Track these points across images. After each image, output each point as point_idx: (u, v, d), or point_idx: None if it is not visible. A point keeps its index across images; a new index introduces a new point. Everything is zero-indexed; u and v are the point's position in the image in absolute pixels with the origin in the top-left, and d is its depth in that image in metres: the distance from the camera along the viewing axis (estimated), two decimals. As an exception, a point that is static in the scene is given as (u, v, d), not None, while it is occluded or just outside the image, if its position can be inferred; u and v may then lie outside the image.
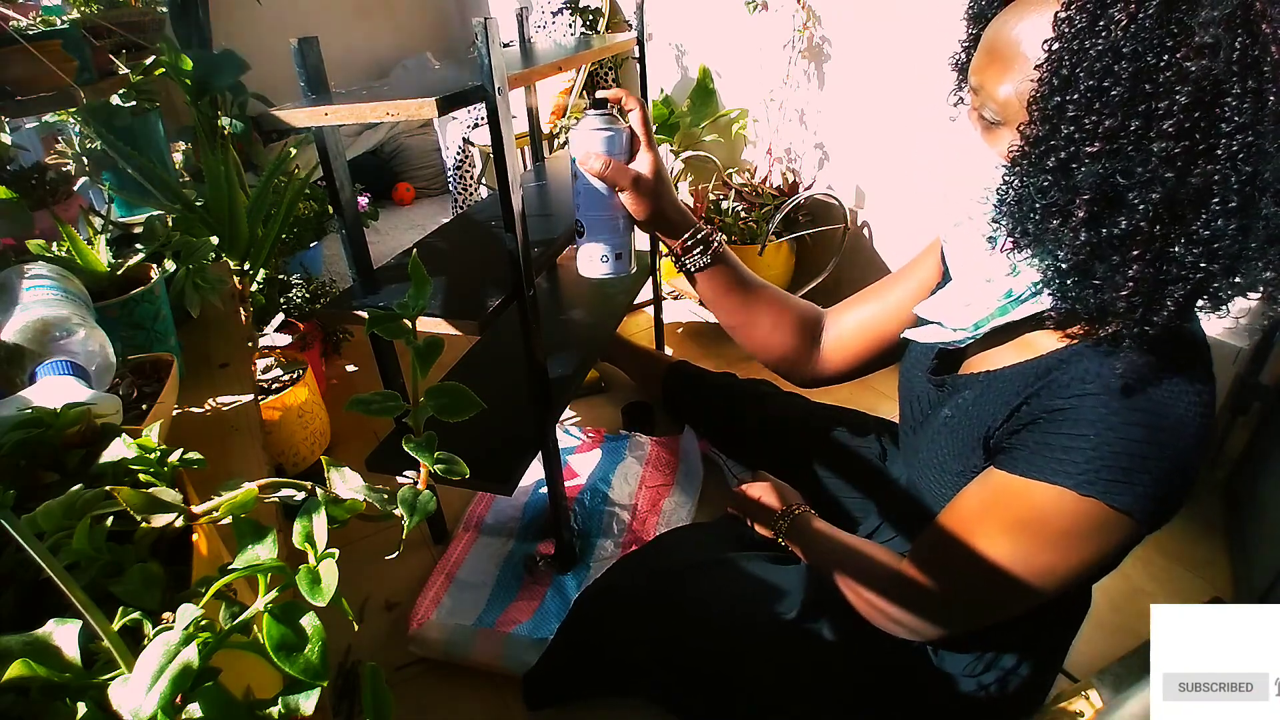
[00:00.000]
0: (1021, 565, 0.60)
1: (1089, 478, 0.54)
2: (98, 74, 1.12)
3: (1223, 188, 0.44)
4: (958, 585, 0.67)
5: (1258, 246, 0.45)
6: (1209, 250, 0.46)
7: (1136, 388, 0.53)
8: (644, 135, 0.75)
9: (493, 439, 1.07)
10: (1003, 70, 0.52)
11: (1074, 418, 0.55)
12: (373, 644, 1.10)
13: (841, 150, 1.80)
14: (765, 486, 1.00)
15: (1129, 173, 0.46)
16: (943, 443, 0.70)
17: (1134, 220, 0.47)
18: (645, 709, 0.96)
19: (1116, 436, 0.53)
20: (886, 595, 0.72)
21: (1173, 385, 0.53)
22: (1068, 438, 0.55)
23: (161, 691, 0.27)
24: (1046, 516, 0.57)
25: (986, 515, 0.62)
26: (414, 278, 0.45)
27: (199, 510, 0.37)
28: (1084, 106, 0.46)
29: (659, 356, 1.64)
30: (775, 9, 1.78)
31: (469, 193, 2.69)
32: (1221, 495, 1.26)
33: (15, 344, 0.61)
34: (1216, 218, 0.45)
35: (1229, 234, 0.45)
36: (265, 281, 1.48)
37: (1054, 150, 0.48)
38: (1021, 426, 0.59)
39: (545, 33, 2.51)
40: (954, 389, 0.70)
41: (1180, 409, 0.53)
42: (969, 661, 0.76)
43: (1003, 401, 0.62)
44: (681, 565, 0.89)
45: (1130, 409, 0.53)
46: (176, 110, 2.65)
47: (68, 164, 1.34)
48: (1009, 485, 0.59)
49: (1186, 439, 0.53)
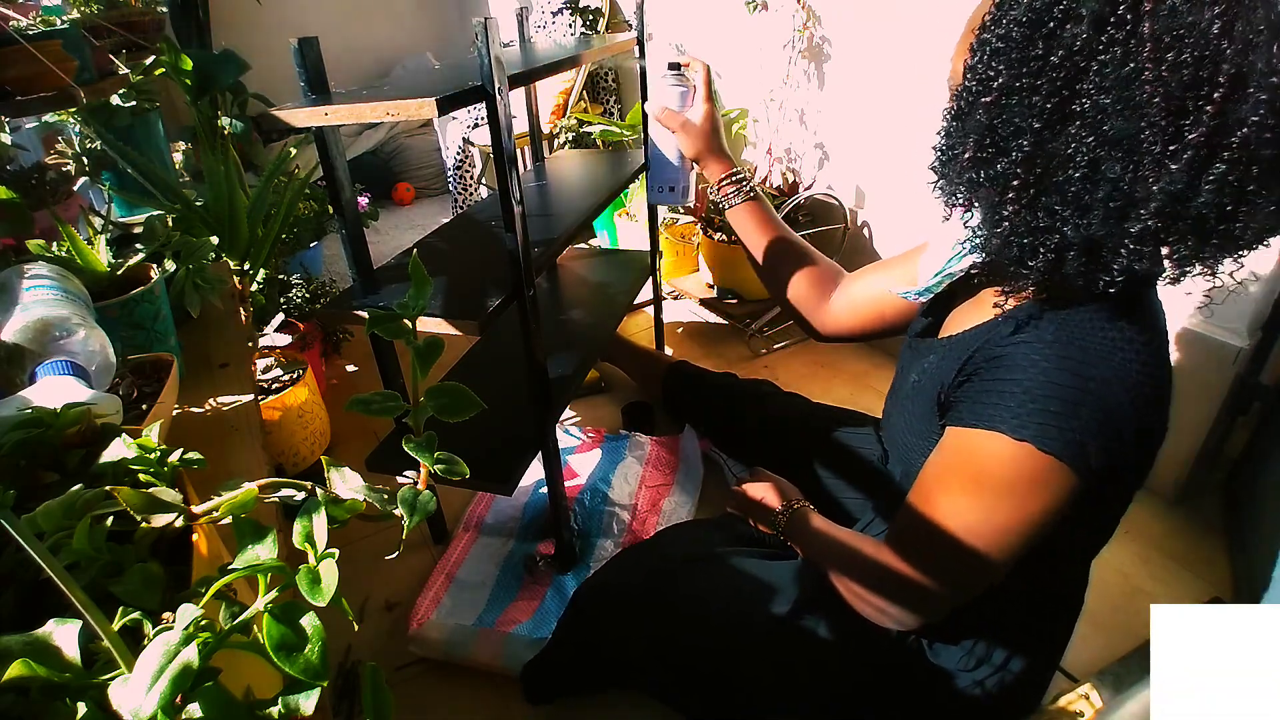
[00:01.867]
0: (978, 522, 0.61)
1: (1021, 421, 0.56)
2: (98, 74, 1.12)
3: (1077, 145, 0.49)
4: (926, 557, 0.66)
5: (1116, 209, 0.50)
6: (1078, 205, 0.51)
7: (1070, 338, 0.56)
8: (704, 91, 0.93)
9: (493, 439, 1.07)
10: (961, 46, 0.59)
11: (1008, 363, 0.58)
12: (373, 644, 1.10)
13: (841, 150, 1.80)
14: (766, 486, 1.00)
15: (1008, 123, 0.52)
16: (910, 407, 0.72)
17: (1009, 164, 0.53)
18: (644, 705, 0.96)
19: (1047, 380, 0.55)
20: (869, 582, 0.72)
21: (1109, 338, 0.55)
22: (1002, 383, 0.58)
23: (161, 691, 0.27)
24: (990, 466, 0.59)
25: (941, 477, 0.64)
26: (414, 278, 0.45)
27: (199, 510, 0.37)
28: (987, 63, 0.53)
29: (659, 356, 1.64)
30: (775, 9, 1.78)
31: (469, 193, 2.69)
32: (1221, 495, 1.26)
33: (15, 344, 0.61)
34: (1074, 172, 0.50)
35: (1084, 189, 0.50)
36: (265, 281, 1.48)
37: (960, 102, 0.56)
38: (966, 379, 0.62)
39: (545, 33, 2.51)
40: (922, 353, 0.73)
41: (1116, 361, 0.54)
42: (962, 655, 0.75)
43: (955, 360, 0.65)
44: (677, 561, 0.89)
45: (1062, 356, 0.55)
46: (176, 110, 2.65)
47: (68, 164, 1.34)
48: (956, 441, 0.62)
49: (1120, 391, 0.54)
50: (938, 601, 0.68)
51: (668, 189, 0.99)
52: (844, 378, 1.72)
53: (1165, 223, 0.49)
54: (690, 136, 0.94)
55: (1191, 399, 1.19)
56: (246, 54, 1.44)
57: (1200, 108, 0.46)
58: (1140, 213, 0.49)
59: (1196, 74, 0.46)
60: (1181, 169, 0.47)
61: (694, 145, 0.95)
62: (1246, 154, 0.46)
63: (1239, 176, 0.47)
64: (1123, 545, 1.19)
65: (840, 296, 0.93)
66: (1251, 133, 0.45)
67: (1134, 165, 0.48)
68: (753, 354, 1.85)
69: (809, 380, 1.72)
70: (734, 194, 0.94)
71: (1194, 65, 0.45)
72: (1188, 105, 0.46)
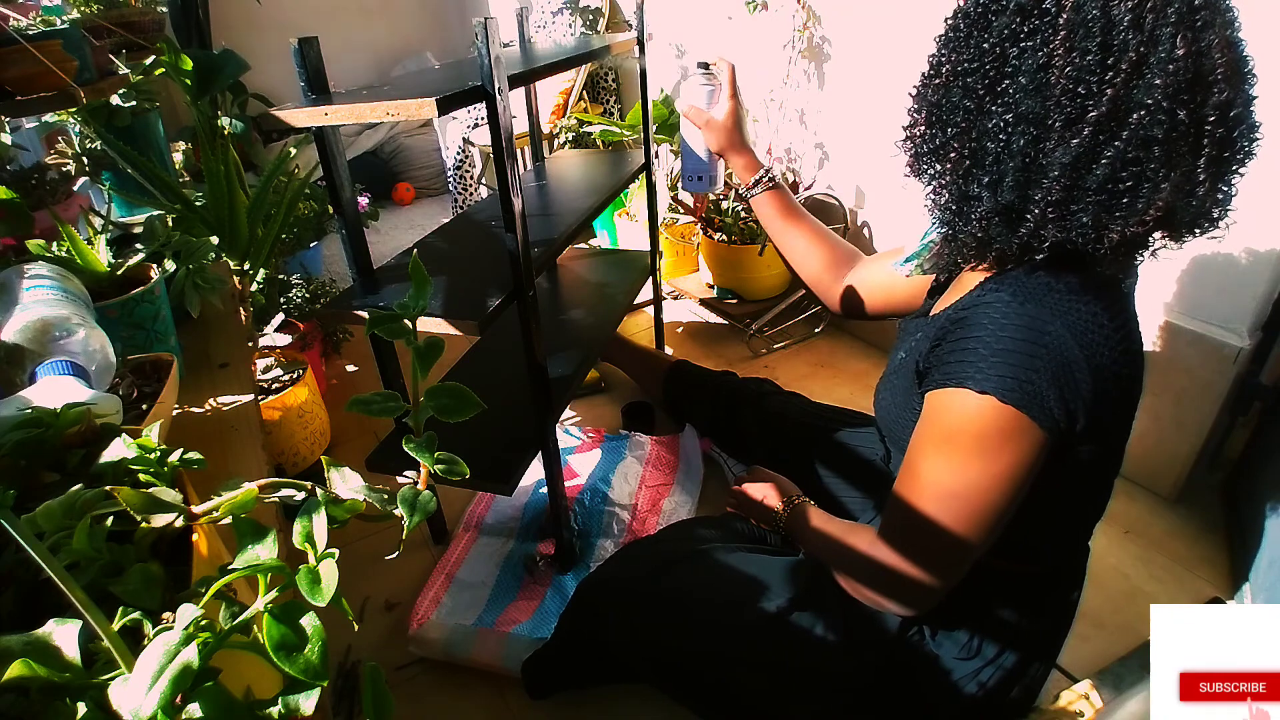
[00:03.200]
0: (954, 482, 0.63)
1: (984, 374, 0.59)
2: (98, 74, 1.12)
3: (998, 122, 0.55)
4: (913, 533, 0.67)
5: (1024, 178, 0.55)
6: (996, 175, 0.57)
7: (1027, 297, 0.60)
8: (728, 90, 0.99)
9: (493, 439, 1.07)
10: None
11: (970, 323, 0.62)
12: (373, 644, 1.10)
13: (841, 150, 1.80)
14: (767, 486, 1.01)
15: (950, 102, 0.59)
16: (894, 382, 0.76)
17: (946, 139, 0.59)
18: (644, 701, 0.96)
19: (1004, 335, 0.59)
20: (864, 576, 0.73)
21: (1065, 299, 0.59)
22: (966, 341, 0.62)
23: (161, 691, 0.27)
24: (958, 423, 0.62)
25: (919, 444, 0.66)
26: (414, 278, 0.45)
27: (199, 510, 0.37)
28: (940, 50, 0.60)
29: (659, 356, 1.64)
30: (775, 9, 1.78)
31: (469, 193, 2.69)
32: (1221, 495, 1.26)
33: (15, 344, 0.61)
34: (994, 145, 0.56)
35: (1001, 161, 0.56)
36: (265, 281, 1.48)
37: (920, 84, 0.63)
38: (937, 345, 0.66)
39: (545, 33, 2.51)
40: (911, 332, 0.76)
41: (1071, 319, 0.58)
42: (961, 644, 0.76)
43: (933, 333, 0.68)
44: (679, 555, 0.90)
45: (1018, 314, 0.59)
46: (176, 110, 2.65)
47: (68, 164, 1.34)
48: (930, 405, 0.65)
49: (1073, 347, 0.58)
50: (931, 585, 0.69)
51: (696, 178, 1.07)
52: (844, 378, 1.73)
53: (1066, 192, 0.54)
54: (714, 132, 1.01)
55: (1191, 399, 1.19)
56: (246, 54, 1.44)
57: (1101, 90, 0.51)
58: (1044, 181, 0.55)
59: (1102, 60, 0.51)
60: (1081, 143, 0.52)
61: (718, 140, 1.01)
62: (1141, 133, 0.51)
63: (1134, 152, 0.52)
64: (1123, 545, 1.19)
65: (854, 277, 0.99)
66: (1146, 114, 0.51)
67: (1040, 139, 0.54)
68: (753, 354, 1.85)
69: (809, 380, 1.72)
70: (754, 185, 1.02)
71: (1099, 52, 0.51)
72: (1091, 87, 0.52)
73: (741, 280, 1.87)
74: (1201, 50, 0.50)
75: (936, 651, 0.77)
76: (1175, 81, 0.50)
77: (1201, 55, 0.50)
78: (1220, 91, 0.51)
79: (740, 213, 1.85)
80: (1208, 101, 0.51)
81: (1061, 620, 0.79)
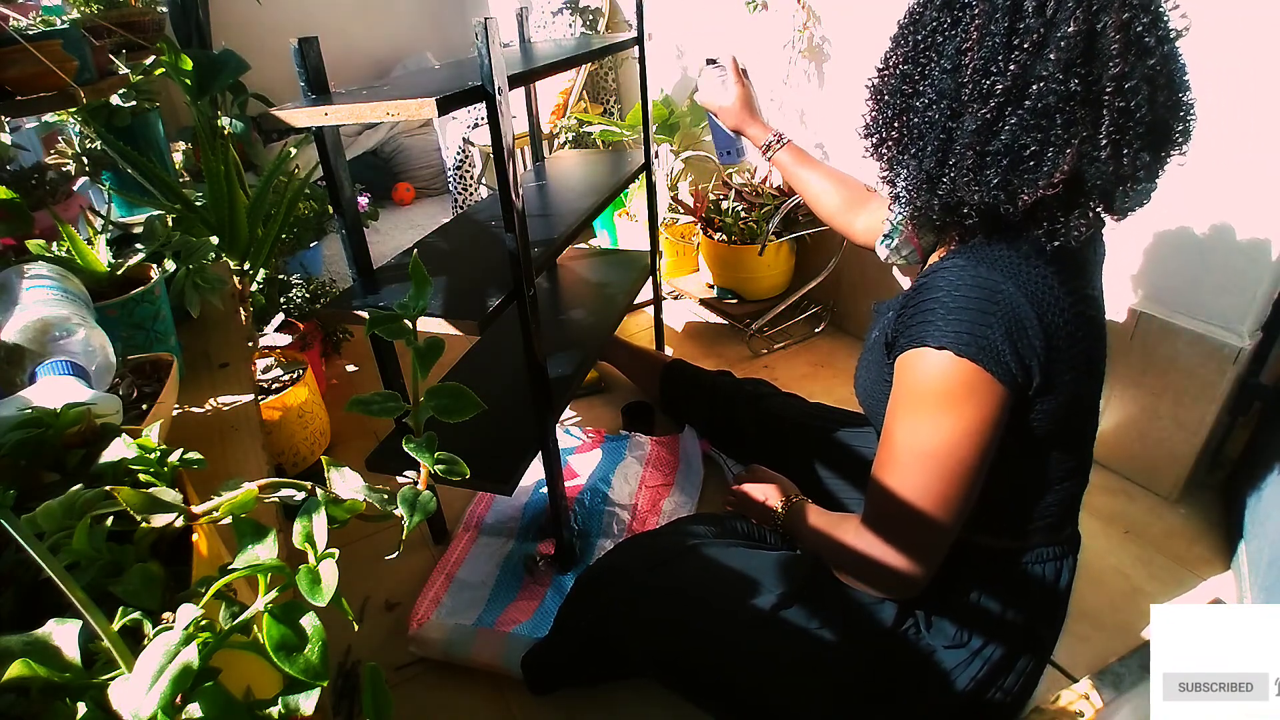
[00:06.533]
0: (926, 442, 0.66)
1: (941, 331, 0.64)
2: (98, 74, 1.12)
3: (923, 101, 0.63)
4: (892, 504, 0.69)
5: (940, 146, 0.62)
6: (919, 147, 0.64)
7: (980, 259, 0.65)
8: (733, 76, 1.15)
9: (493, 439, 1.07)
10: None
11: (928, 286, 0.67)
12: (373, 644, 1.10)
13: (841, 150, 1.80)
14: (767, 487, 1.01)
15: (891, 88, 0.67)
16: (869, 358, 0.80)
17: (887, 120, 0.68)
18: (645, 699, 0.96)
19: (959, 294, 0.64)
20: (854, 554, 0.75)
21: (1016, 263, 0.64)
22: (925, 303, 0.66)
23: (161, 691, 0.27)
24: (923, 382, 0.66)
25: (892, 410, 0.70)
26: (414, 278, 0.45)
27: (199, 510, 0.37)
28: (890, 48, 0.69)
29: (657, 356, 1.64)
30: (775, 9, 1.78)
31: (469, 193, 2.69)
32: (1221, 495, 1.26)
33: (15, 344, 0.61)
34: (919, 120, 0.64)
35: (923, 134, 0.64)
36: (265, 281, 1.48)
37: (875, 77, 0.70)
38: (901, 313, 0.70)
39: (545, 33, 2.51)
40: (883, 312, 0.80)
41: (1022, 278, 0.63)
42: (951, 634, 0.77)
43: (899, 305, 0.72)
44: (678, 548, 0.90)
45: (972, 275, 0.64)
46: (176, 110, 2.65)
47: (68, 164, 1.34)
48: (897, 370, 0.69)
49: (1024, 303, 0.63)
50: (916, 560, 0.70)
51: (726, 153, 1.25)
52: (844, 378, 1.72)
53: (978, 158, 0.60)
54: (728, 115, 1.17)
55: (1191, 399, 1.19)
56: (246, 54, 1.44)
57: (1006, 66, 0.58)
58: (956, 148, 0.61)
59: (1009, 41, 0.58)
60: (988, 111, 0.59)
61: (732, 120, 1.17)
62: (1040, 103, 0.57)
63: (1036, 120, 0.58)
64: (1123, 545, 1.19)
65: (869, 213, 1.07)
66: (1043, 84, 0.57)
67: (958, 113, 0.61)
68: (753, 354, 1.85)
69: (809, 380, 1.72)
70: (767, 147, 1.15)
71: (1007, 35, 0.57)
72: (999, 64, 0.58)
73: (741, 280, 1.87)
74: (1096, 30, 0.56)
75: (931, 644, 0.77)
76: (1068, 55, 0.56)
77: (1095, 34, 0.56)
78: (1114, 65, 0.56)
79: (740, 213, 1.85)
80: (1103, 75, 0.56)
81: (1050, 608, 0.79)
